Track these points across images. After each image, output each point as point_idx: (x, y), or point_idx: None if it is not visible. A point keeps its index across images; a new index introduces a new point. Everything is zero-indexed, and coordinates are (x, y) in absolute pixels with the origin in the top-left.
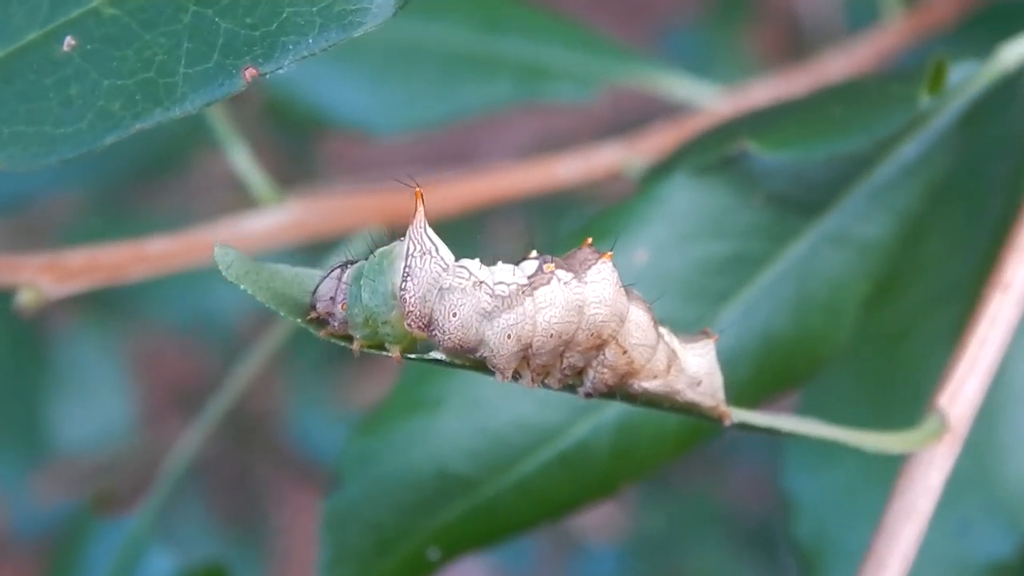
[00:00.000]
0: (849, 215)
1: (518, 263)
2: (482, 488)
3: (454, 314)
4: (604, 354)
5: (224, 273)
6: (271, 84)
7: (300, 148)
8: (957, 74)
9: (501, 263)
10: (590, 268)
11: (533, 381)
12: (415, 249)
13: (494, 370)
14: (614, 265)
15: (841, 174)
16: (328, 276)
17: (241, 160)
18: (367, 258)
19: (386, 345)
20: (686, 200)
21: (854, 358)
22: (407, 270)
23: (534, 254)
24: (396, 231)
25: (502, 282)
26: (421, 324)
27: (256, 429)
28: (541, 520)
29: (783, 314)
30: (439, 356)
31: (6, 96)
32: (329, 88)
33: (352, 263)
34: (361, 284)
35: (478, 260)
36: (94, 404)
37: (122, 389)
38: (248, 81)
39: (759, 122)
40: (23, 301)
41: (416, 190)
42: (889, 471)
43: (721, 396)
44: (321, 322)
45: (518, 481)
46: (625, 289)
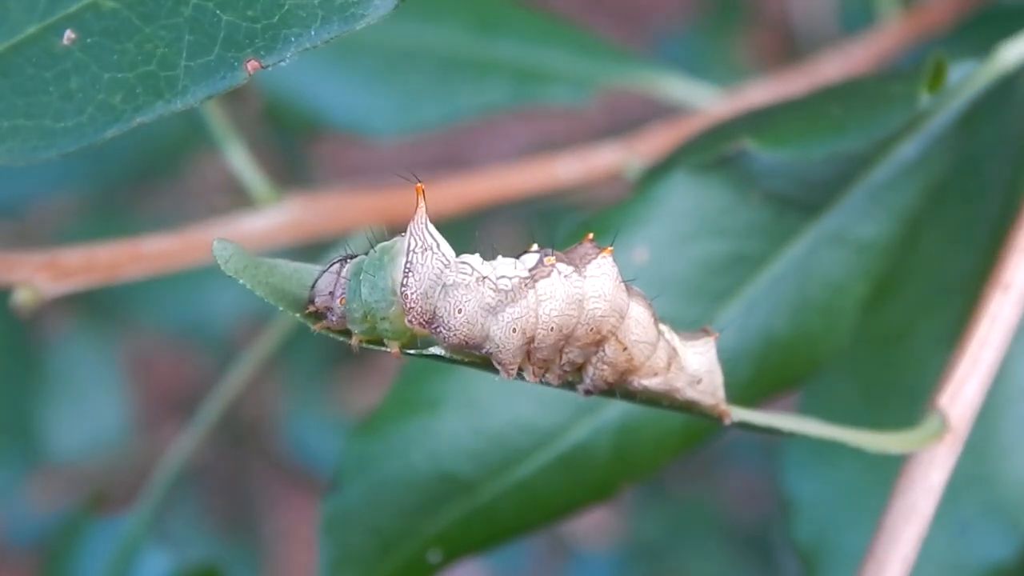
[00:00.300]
0: (848, 215)
1: (519, 256)
2: (482, 490)
3: (459, 310)
4: (604, 350)
5: (223, 267)
6: (268, 86)
7: (296, 152)
8: (956, 74)
9: (501, 257)
10: (590, 262)
11: (535, 375)
12: (416, 245)
13: (498, 366)
14: (614, 260)
15: (840, 173)
16: (327, 270)
17: (239, 159)
18: (367, 253)
19: (384, 341)
20: (685, 199)
21: (852, 359)
22: (408, 266)
23: (535, 247)
24: (395, 230)
25: (504, 276)
26: (423, 320)
27: (251, 434)
28: (541, 522)
29: (782, 314)
30: (438, 352)
31: (4, 90)
32: (326, 90)
33: (352, 258)
34: (361, 279)
35: (478, 255)
36: (89, 409)
37: (117, 394)
38: (250, 73)
39: (757, 121)
40: (19, 300)
41: (417, 185)
42: (889, 472)
43: (721, 395)
44: (319, 316)
45: (518, 483)
46: (626, 285)
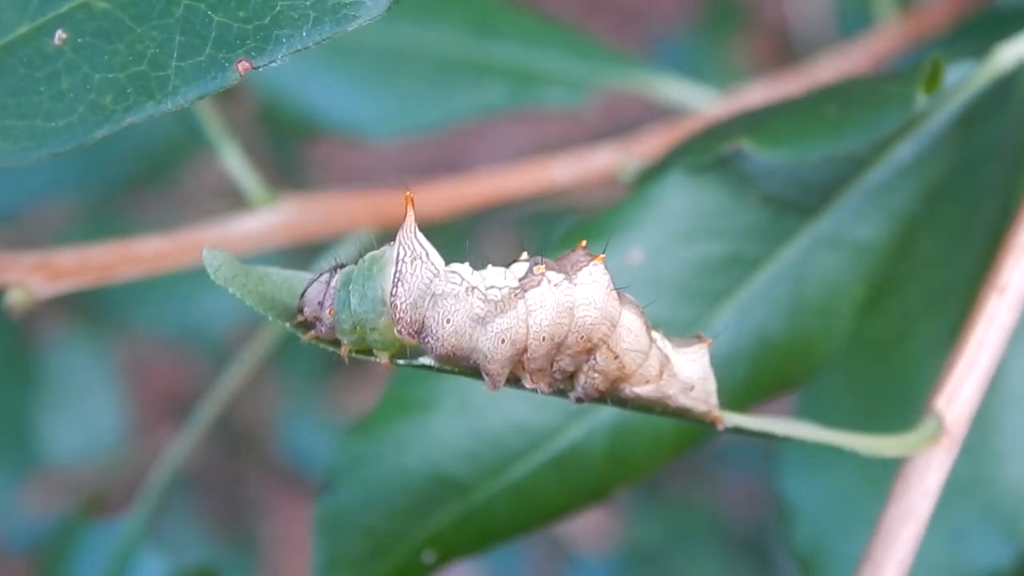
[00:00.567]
0: (844, 216)
1: (508, 265)
2: (476, 491)
3: (448, 320)
4: (595, 359)
5: (212, 276)
6: (262, 88)
7: (290, 155)
8: (953, 75)
9: (491, 266)
10: (581, 270)
11: (533, 382)
12: (405, 254)
13: (485, 376)
14: (606, 268)
15: (836, 175)
16: (317, 280)
17: (233, 160)
18: (356, 263)
19: (374, 351)
20: (681, 200)
21: (848, 363)
22: (397, 275)
23: (524, 256)
24: (388, 233)
25: (494, 286)
26: (412, 331)
27: (246, 438)
28: (536, 524)
29: (778, 316)
30: (428, 362)
31: None
32: (320, 92)
33: (341, 267)
34: (350, 289)
35: (467, 264)
36: (84, 413)
37: (113, 398)
38: (241, 74)
39: (754, 121)
40: (12, 301)
41: (406, 194)
42: (885, 476)
43: (714, 401)
44: (308, 326)
45: (512, 484)
46: (618, 293)
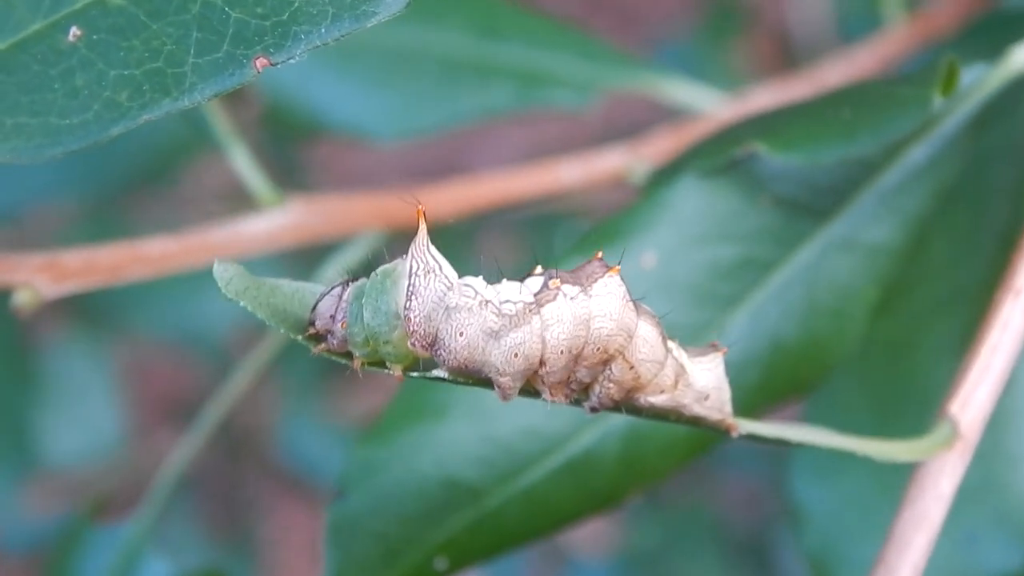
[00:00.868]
0: (857, 219)
1: (523, 279)
2: (489, 497)
3: (461, 333)
4: (611, 369)
5: (223, 290)
6: (268, 89)
7: (290, 157)
8: (966, 77)
9: (506, 280)
10: (597, 281)
11: (552, 395)
12: (418, 267)
13: (497, 389)
14: (622, 279)
15: (849, 178)
16: (329, 293)
17: (241, 161)
18: (368, 276)
19: (387, 363)
20: (693, 203)
21: (859, 367)
22: (411, 289)
23: (539, 270)
24: (395, 235)
25: (508, 300)
26: (425, 344)
27: (247, 442)
28: (549, 530)
29: (791, 319)
30: (441, 374)
31: (8, 87)
32: (326, 93)
33: (353, 281)
34: (363, 303)
35: (481, 277)
36: (85, 416)
37: (112, 402)
38: (259, 71)
39: (767, 125)
40: (19, 301)
41: (418, 208)
42: (897, 481)
43: (728, 409)
44: (319, 338)
45: (525, 489)
46: (634, 304)
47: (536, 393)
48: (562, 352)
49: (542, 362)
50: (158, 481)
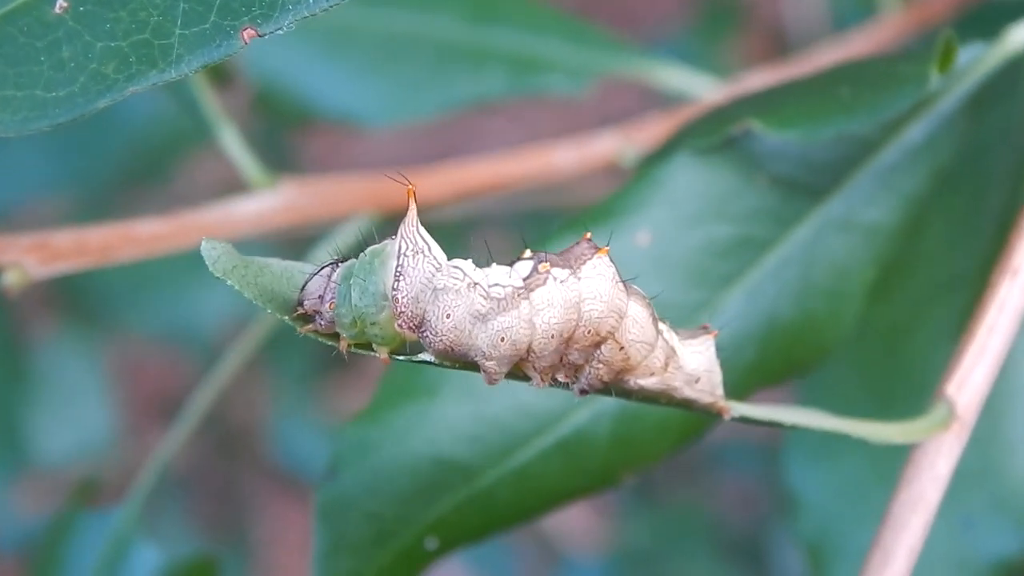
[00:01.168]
0: (854, 198)
1: (512, 263)
2: (481, 476)
3: (448, 315)
4: (600, 350)
5: (211, 268)
6: (259, 75)
7: (288, 148)
8: (963, 57)
9: (495, 264)
10: (586, 263)
11: (542, 381)
12: (407, 248)
13: (484, 372)
14: (611, 259)
15: (846, 156)
16: (317, 274)
17: (231, 142)
18: (357, 257)
19: (373, 346)
20: (688, 182)
21: (856, 353)
22: (399, 270)
23: (528, 253)
24: (387, 218)
25: (497, 284)
26: (412, 325)
27: (239, 439)
28: (540, 509)
29: (788, 299)
30: (427, 358)
31: None
32: (317, 80)
33: (342, 261)
34: (351, 284)
35: (471, 260)
36: (75, 414)
37: (103, 399)
38: (247, 42)
39: (763, 102)
40: (7, 282)
41: (408, 188)
42: (892, 466)
43: (720, 392)
44: (307, 319)
45: (517, 468)
46: (624, 284)
47: (524, 377)
48: (553, 336)
49: (530, 349)
50: (147, 468)
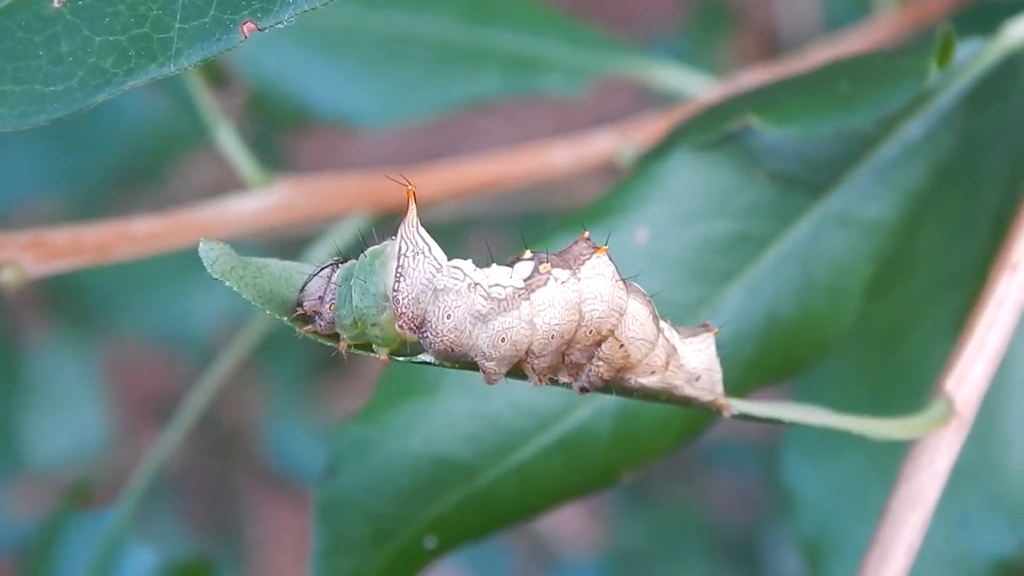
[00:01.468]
0: (853, 194)
1: (512, 264)
2: (481, 474)
3: (448, 316)
4: (600, 348)
5: (209, 270)
6: (255, 76)
7: (284, 150)
8: (962, 52)
9: (495, 265)
10: (585, 263)
11: (540, 381)
12: (407, 249)
13: (483, 372)
14: (610, 259)
15: (845, 152)
16: (317, 275)
17: (228, 141)
18: (357, 258)
19: (374, 347)
20: (687, 178)
21: (854, 352)
22: (400, 270)
23: (528, 254)
24: (386, 217)
25: (498, 284)
26: (413, 326)
27: (234, 442)
28: (540, 508)
29: (787, 296)
30: (427, 358)
31: None
32: (313, 80)
33: (342, 262)
34: (351, 284)
35: (471, 261)
36: (69, 416)
37: (97, 401)
38: (246, 36)
39: (761, 98)
40: (4, 280)
41: (408, 189)
42: (890, 464)
43: (720, 390)
44: (306, 319)
45: (517, 467)
46: (624, 282)
47: (523, 376)
48: (553, 337)
49: (530, 351)
50: (140, 469)
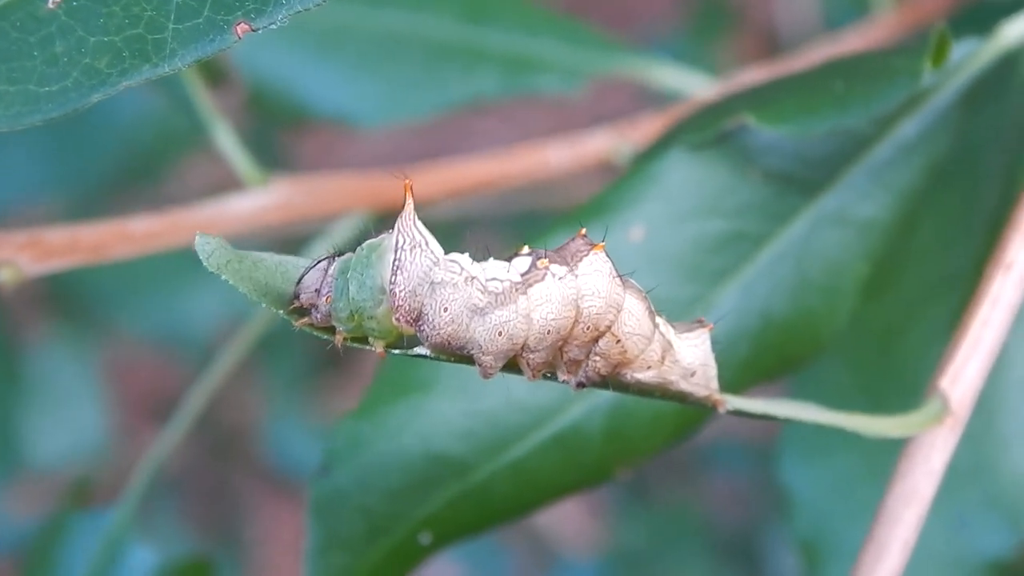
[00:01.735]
0: (848, 194)
1: (509, 259)
2: (474, 471)
3: (445, 309)
4: (597, 344)
5: (205, 262)
6: (252, 76)
7: (282, 149)
8: (957, 52)
9: (492, 259)
10: (582, 260)
11: (534, 376)
12: (404, 242)
13: (479, 366)
14: (607, 255)
15: (840, 151)
16: (314, 267)
17: (225, 140)
18: (354, 251)
19: (370, 340)
20: (682, 177)
21: (849, 353)
22: (396, 263)
23: (526, 250)
24: (384, 216)
25: (495, 278)
26: (410, 319)
27: (231, 441)
28: (534, 504)
29: (782, 294)
30: (423, 352)
31: None
32: (310, 80)
33: (339, 255)
34: (348, 277)
35: (468, 255)
36: (68, 416)
37: (96, 401)
38: (240, 37)
39: (757, 97)
40: (1, 279)
41: (405, 182)
42: (885, 463)
43: (715, 386)
44: (302, 313)
45: (511, 463)
46: (620, 278)
47: (519, 370)
48: (549, 332)
49: (526, 346)
50: (140, 468)
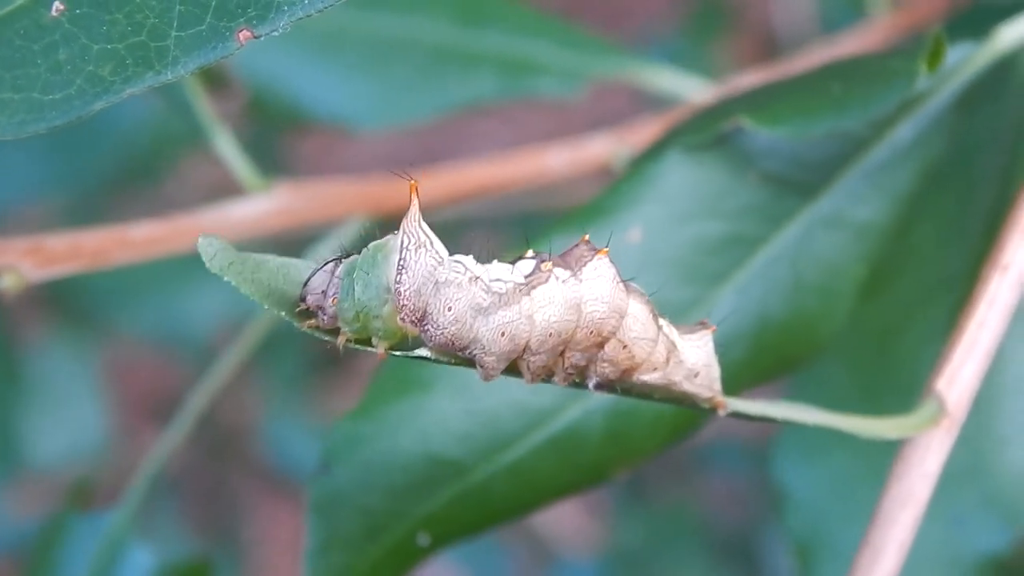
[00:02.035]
0: (844, 196)
1: (514, 262)
2: (473, 471)
3: (449, 308)
4: (604, 350)
5: (208, 264)
6: (252, 80)
7: (282, 153)
8: (953, 56)
9: (497, 261)
10: (586, 265)
11: (533, 379)
12: (409, 242)
13: (480, 367)
14: (611, 261)
15: (836, 154)
16: (321, 269)
17: (226, 145)
18: (360, 252)
19: (373, 341)
20: (680, 179)
21: (846, 355)
22: (401, 263)
23: (530, 253)
24: (384, 221)
25: (499, 279)
26: (415, 319)
27: (229, 441)
28: (533, 505)
29: (778, 296)
30: (424, 353)
31: None
32: (309, 83)
33: (344, 257)
34: (354, 278)
35: (472, 256)
36: (68, 417)
37: (96, 401)
38: (243, 44)
39: (754, 100)
40: (3, 285)
41: (411, 183)
42: (882, 463)
43: (718, 387)
44: (308, 314)
45: (510, 464)
46: (624, 284)
47: (518, 374)
48: (551, 334)
49: (528, 348)
50: (141, 470)
